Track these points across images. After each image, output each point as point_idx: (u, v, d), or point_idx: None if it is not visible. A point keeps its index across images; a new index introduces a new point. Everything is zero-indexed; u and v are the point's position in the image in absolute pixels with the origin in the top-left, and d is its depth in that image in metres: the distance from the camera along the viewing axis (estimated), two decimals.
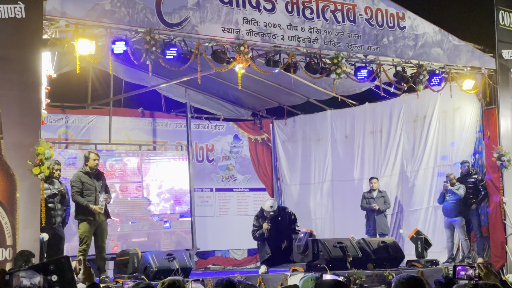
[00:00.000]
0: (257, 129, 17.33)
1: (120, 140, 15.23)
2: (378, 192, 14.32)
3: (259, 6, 11.14)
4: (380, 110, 15.70)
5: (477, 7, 14.09)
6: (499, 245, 12.94)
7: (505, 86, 13.31)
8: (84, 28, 9.72)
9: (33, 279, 2.51)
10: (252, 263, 16.52)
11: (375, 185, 14.36)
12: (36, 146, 9.09)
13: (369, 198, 14.27)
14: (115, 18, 9.94)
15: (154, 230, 15.05)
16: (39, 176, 9.12)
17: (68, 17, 9.60)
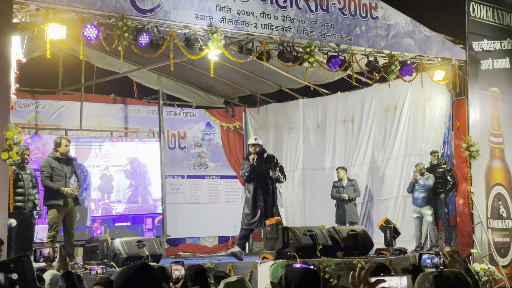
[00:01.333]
0: (229, 117, 17.32)
1: (91, 126, 15.15)
2: (348, 181, 14.43)
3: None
4: (352, 100, 15.78)
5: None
6: (466, 234, 13.10)
7: (475, 78, 13.44)
8: (55, 12, 9.61)
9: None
10: (222, 251, 16.54)
11: (340, 174, 14.46)
12: (5, 131, 9.01)
13: (339, 187, 14.38)
14: (87, 2, 9.84)
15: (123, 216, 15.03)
16: (7, 162, 9.04)
17: (38, 1, 9.48)
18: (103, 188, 14.91)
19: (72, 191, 10.61)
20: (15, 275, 2.52)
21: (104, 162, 14.88)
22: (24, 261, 2.58)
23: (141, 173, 15.31)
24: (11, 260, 2.54)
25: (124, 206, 15.15)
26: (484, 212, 13.17)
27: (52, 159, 10.79)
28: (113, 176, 14.99)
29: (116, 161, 15.00)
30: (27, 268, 2.57)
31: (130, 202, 15.17)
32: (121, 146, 15.13)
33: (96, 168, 14.78)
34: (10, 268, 2.51)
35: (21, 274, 2.53)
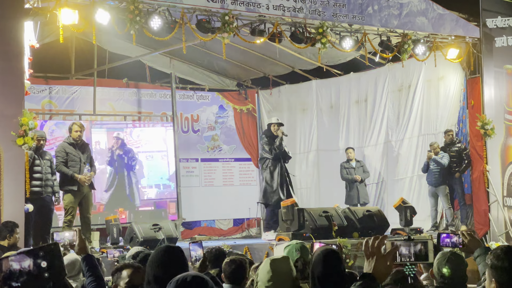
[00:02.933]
0: (242, 99, 17.30)
1: (104, 111, 15.19)
2: (357, 162, 14.38)
3: None
4: (365, 80, 15.70)
5: None
6: (482, 213, 13.06)
7: (489, 55, 13.33)
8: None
9: (23, 263, 2.52)
10: (237, 233, 16.60)
11: (351, 155, 14.44)
12: (19, 117, 9.04)
13: (349, 168, 14.33)
14: None
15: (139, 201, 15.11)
16: (23, 147, 9.07)
17: None
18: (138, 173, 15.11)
19: (85, 179, 10.65)
20: (44, 263, 2.53)
21: (135, 148, 15.00)
22: (53, 249, 2.59)
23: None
24: (40, 248, 2.55)
25: (156, 190, 15.27)
26: (500, 190, 13.11)
27: (67, 144, 10.83)
28: (143, 163, 15.14)
29: (146, 147, 15.14)
30: (56, 256, 2.58)
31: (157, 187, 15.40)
32: (150, 131, 15.27)
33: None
34: (40, 256, 2.52)
35: (50, 262, 2.54)
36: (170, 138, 15.39)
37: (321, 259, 4.07)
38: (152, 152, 15.35)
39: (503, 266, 3.25)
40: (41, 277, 2.51)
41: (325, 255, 4.12)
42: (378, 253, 3.05)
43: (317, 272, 4.02)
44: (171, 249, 3.91)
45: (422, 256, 3.12)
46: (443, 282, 4.90)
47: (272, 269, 4.17)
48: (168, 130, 15.50)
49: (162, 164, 15.52)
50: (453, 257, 4.98)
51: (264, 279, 4.17)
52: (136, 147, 15.06)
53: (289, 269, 4.26)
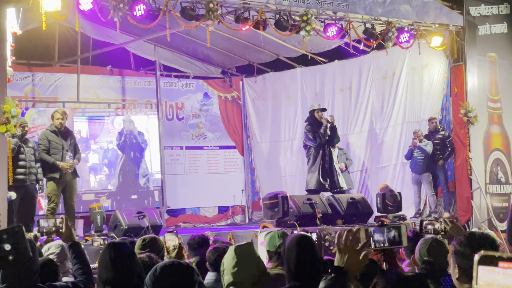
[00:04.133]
0: (227, 86, 17.28)
1: (88, 98, 15.12)
2: (339, 150, 14.40)
3: None
4: (350, 68, 15.73)
5: None
6: (465, 200, 13.15)
7: (473, 43, 13.39)
8: None
9: None
10: (222, 220, 16.63)
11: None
12: (2, 104, 8.99)
13: None
14: None
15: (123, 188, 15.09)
16: (5, 135, 9.02)
17: None
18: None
19: (67, 166, 10.61)
20: (8, 246, 2.53)
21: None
22: (17, 231, 2.58)
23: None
24: (4, 230, 2.54)
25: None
26: (482, 177, 13.20)
27: (49, 132, 10.78)
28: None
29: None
30: (21, 239, 2.57)
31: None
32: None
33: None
34: (3, 239, 2.52)
35: (14, 245, 2.54)
36: (154, 126, 15.33)
37: (294, 245, 4.09)
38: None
39: (465, 253, 3.31)
40: (5, 259, 2.51)
41: (299, 241, 4.13)
42: (351, 247, 3.06)
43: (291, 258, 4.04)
44: (115, 247, 3.94)
45: (396, 241, 3.15)
46: (424, 268, 4.95)
47: (236, 255, 4.17)
48: (152, 118, 15.44)
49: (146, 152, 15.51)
50: (435, 244, 5.03)
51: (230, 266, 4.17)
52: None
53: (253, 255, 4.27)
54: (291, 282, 4.09)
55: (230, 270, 4.16)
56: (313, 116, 13.31)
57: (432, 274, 4.79)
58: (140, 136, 15.15)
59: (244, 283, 4.10)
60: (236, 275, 4.12)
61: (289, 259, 4.13)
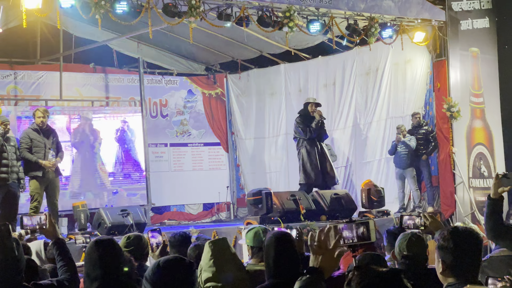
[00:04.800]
0: (211, 83, 17.25)
1: (71, 96, 15.04)
2: (325, 145, 14.43)
3: None
4: (333, 64, 15.74)
5: None
6: (449, 194, 13.22)
7: (455, 38, 13.44)
8: None
9: None
10: (207, 217, 16.62)
11: None
12: None
13: None
14: None
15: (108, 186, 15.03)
16: None
17: None
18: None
19: (50, 164, 10.57)
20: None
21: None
22: (2, 230, 2.57)
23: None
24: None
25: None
26: (465, 172, 13.27)
27: (31, 130, 10.74)
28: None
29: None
30: (6, 238, 2.57)
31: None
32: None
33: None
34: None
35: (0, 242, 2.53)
36: (138, 123, 15.26)
37: (273, 242, 4.11)
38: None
39: (448, 247, 3.35)
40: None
41: (277, 238, 4.16)
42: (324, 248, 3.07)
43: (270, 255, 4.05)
44: (103, 243, 3.94)
45: (365, 237, 3.17)
46: (404, 263, 4.98)
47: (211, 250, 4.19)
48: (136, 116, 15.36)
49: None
50: (414, 238, 5.06)
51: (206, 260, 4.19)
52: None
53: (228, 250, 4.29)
54: (270, 279, 4.10)
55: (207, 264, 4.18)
56: (306, 109, 13.32)
57: (411, 268, 4.82)
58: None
59: (221, 279, 4.11)
60: (213, 270, 4.13)
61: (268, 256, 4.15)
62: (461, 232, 3.48)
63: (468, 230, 3.56)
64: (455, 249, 3.38)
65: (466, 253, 3.40)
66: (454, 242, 3.39)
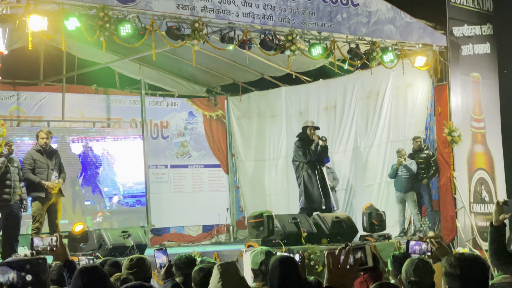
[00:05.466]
0: (212, 105, 17.30)
1: (73, 117, 15.07)
2: (327, 169, 14.45)
3: None
4: (334, 87, 15.81)
5: None
6: (450, 219, 13.21)
7: (456, 63, 13.52)
8: (36, 4, 9.56)
9: (6, 275, 2.48)
10: (207, 239, 16.59)
11: None
12: None
13: None
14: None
15: (107, 208, 15.00)
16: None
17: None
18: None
19: (53, 185, 10.58)
20: (29, 276, 2.50)
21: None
22: (41, 263, 2.56)
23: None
24: (27, 260, 2.52)
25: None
26: (466, 196, 13.28)
27: (35, 151, 10.75)
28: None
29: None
30: (42, 271, 2.56)
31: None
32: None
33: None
34: (25, 269, 2.49)
35: (35, 277, 2.51)
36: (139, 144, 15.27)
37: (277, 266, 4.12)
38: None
39: (455, 273, 3.36)
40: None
41: (281, 262, 4.17)
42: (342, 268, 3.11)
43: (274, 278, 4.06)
44: (86, 271, 3.95)
45: (362, 262, 3.20)
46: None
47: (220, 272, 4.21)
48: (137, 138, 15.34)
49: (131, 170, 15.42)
50: (421, 264, 5.06)
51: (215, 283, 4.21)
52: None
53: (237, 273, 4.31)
54: None
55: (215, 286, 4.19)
56: (305, 133, 13.33)
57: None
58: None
59: None
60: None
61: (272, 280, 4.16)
62: (468, 259, 3.49)
63: (475, 257, 3.56)
64: (462, 276, 3.38)
65: (472, 280, 3.40)
66: (461, 268, 3.40)
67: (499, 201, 4.67)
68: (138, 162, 15.18)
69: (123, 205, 15.14)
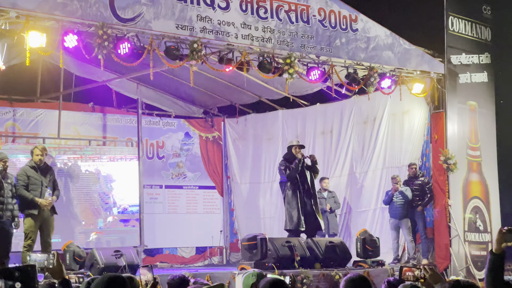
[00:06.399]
0: (208, 127, 17.29)
1: (69, 135, 15.03)
2: (329, 192, 14.46)
3: (213, 4, 11.11)
4: (331, 111, 15.82)
5: (428, 12, 14.31)
6: (444, 247, 13.16)
7: (453, 91, 13.56)
8: (35, 20, 9.55)
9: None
10: (199, 261, 16.51)
11: (326, 185, 14.47)
12: None
13: (320, 198, 14.29)
14: (67, 11, 9.79)
15: (101, 227, 14.91)
16: None
17: (18, 8, 9.40)
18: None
19: (46, 203, 10.52)
20: (18, 284, 2.48)
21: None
22: (30, 271, 2.54)
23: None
24: (16, 268, 2.50)
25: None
26: (461, 225, 13.25)
27: (29, 168, 10.70)
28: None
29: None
30: (31, 278, 2.53)
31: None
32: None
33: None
34: (15, 276, 2.47)
35: (24, 284, 2.49)
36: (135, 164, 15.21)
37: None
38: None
39: None
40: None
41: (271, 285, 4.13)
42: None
43: None
44: (114, 279, 3.90)
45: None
46: None
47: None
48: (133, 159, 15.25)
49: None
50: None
51: None
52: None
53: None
54: None
55: None
56: (291, 152, 13.19)
57: None
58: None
59: None
60: None
61: None
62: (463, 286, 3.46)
63: (470, 284, 3.54)
64: None
65: None
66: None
67: (502, 228, 4.59)
68: (133, 181, 15.11)
69: (117, 224, 15.04)
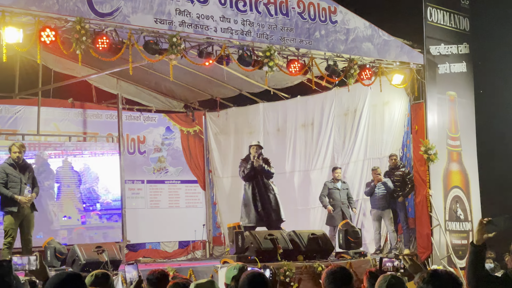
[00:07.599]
0: (189, 121, 17.25)
1: (49, 131, 14.91)
2: (343, 183, 14.18)
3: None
4: (312, 104, 15.83)
5: (406, 3, 14.34)
6: (425, 237, 13.23)
7: (432, 81, 13.60)
8: (12, 16, 9.47)
9: None
10: (183, 255, 16.48)
11: (339, 175, 14.21)
12: None
13: (333, 188, 14.09)
14: (44, 6, 9.70)
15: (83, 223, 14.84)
16: None
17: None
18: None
19: (25, 200, 10.45)
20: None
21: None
22: (5, 266, 2.51)
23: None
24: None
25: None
26: (442, 214, 13.32)
27: (7, 165, 10.63)
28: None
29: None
30: (6, 274, 2.51)
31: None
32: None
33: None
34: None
35: (0, 279, 2.47)
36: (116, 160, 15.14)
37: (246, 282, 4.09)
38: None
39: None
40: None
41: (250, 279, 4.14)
42: None
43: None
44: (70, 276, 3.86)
45: None
46: None
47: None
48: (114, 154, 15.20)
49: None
50: (394, 280, 5.03)
51: None
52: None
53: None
54: None
55: None
56: (249, 152, 13.18)
57: None
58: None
59: None
60: None
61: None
62: (441, 275, 3.48)
63: (448, 273, 3.56)
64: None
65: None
66: (434, 285, 3.40)
67: (482, 220, 4.59)
68: (115, 177, 15.03)
69: (99, 220, 14.97)
